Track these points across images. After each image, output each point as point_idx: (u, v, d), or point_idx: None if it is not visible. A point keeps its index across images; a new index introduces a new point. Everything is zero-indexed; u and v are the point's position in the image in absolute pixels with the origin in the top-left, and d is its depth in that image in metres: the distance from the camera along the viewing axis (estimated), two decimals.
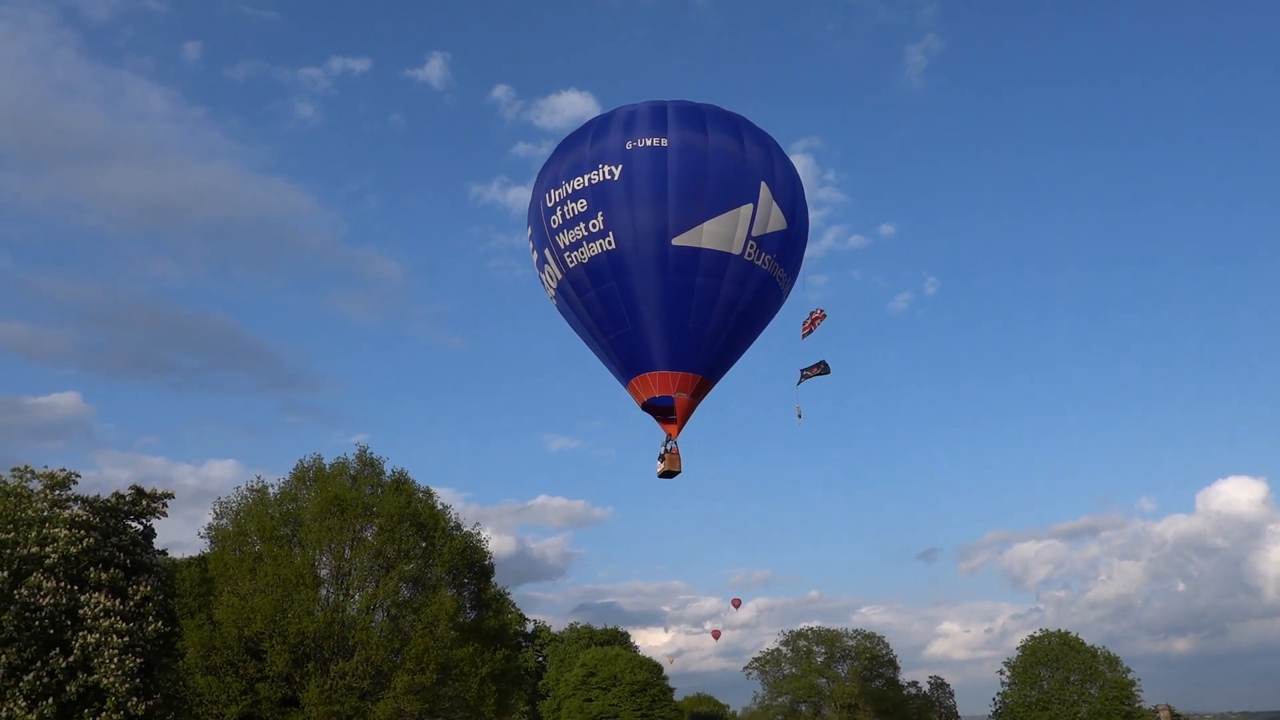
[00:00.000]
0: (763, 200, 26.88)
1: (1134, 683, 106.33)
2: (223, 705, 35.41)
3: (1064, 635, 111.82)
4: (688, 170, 26.14)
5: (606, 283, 27.12)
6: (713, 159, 26.54)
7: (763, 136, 29.15)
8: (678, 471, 28.18)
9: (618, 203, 26.33)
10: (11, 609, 28.86)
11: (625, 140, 26.79)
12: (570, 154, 28.04)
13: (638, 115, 27.42)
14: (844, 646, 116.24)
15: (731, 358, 29.23)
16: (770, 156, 28.22)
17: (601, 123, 28.04)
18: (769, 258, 27.40)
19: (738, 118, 29.04)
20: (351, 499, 39.66)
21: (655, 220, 26.20)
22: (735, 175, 26.78)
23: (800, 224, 28.90)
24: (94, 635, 30.00)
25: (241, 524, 40.39)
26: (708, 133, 27.02)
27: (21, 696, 27.87)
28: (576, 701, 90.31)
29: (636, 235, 26.26)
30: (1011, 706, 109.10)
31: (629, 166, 26.37)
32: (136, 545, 35.41)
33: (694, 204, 26.19)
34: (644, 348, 27.49)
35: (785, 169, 28.72)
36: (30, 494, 33.35)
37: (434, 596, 39.11)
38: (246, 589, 37.03)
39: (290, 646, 35.97)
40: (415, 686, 35.65)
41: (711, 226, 26.29)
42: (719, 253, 26.34)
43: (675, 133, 26.73)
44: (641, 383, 27.92)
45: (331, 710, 35.46)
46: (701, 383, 28.18)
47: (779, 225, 27.51)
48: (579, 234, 27.07)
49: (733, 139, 27.45)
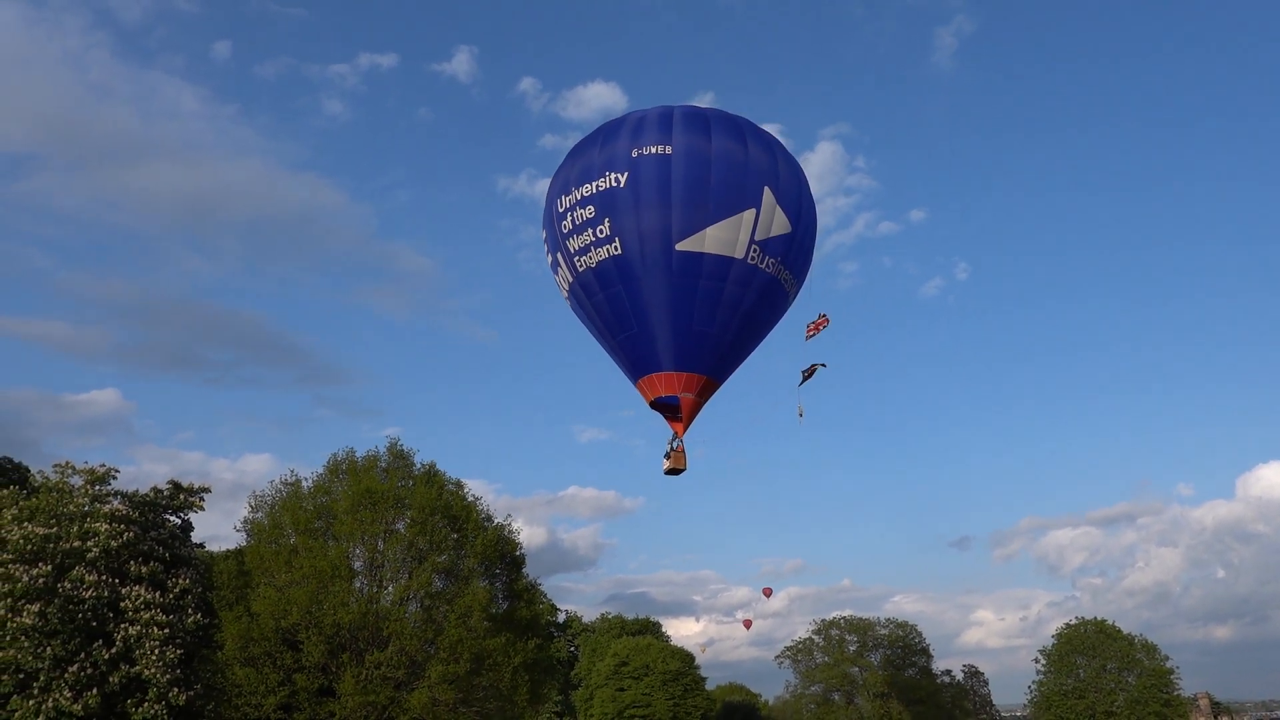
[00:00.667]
0: (766, 205, 27.46)
1: (1172, 671, 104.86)
2: (261, 696, 35.98)
3: (1100, 623, 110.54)
4: (691, 177, 26.79)
5: (614, 286, 27.87)
6: (716, 165, 27.12)
7: (768, 141, 29.51)
8: (683, 469, 28.94)
9: (623, 209, 27.03)
10: (56, 602, 29.46)
11: (632, 148, 27.40)
12: (580, 160, 28.76)
13: (645, 122, 27.98)
14: (876, 635, 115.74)
15: (737, 358, 29.85)
16: (775, 161, 28.60)
17: (611, 129, 28.61)
18: (773, 261, 27.95)
19: (743, 122, 29.34)
20: (383, 491, 40.05)
21: (659, 226, 26.82)
22: (738, 181, 27.36)
23: (805, 227, 29.25)
24: (135, 627, 30.57)
25: (276, 517, 40.95)
26: (711, 139, 27.54)
27: (67, 687, 28.48)
28: (609, 691, 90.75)
29: (641, 241, 26.95)
30: (1047, 695, 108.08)
31: (634, 174, 27.06)
32: (175, 539, 36.01)
33: (697, 210, 26.86)
34: (651, 349, 28.30)
35: (790, 173, 29.05)
36: (71, 489, 34.01)
37: (466, 587, 39.43)
38: (282, 581, 37.55)
39: (326, 637, 36.45)
40: (449, 676, 36.00)
41: (715, 232, 26.93)
42: (722, 257, 27.06)
43: (680, 140, 27.32)
44: (649, 383, 28.83)
45: (367, 700, 35.91)
46: (707, 383, 28.92)
47: (783, 229, 28.03)
48: (588, 239, 27.90)
49: (737, 144, 27.92)
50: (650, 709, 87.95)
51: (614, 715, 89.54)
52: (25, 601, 28.91)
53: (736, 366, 30.00)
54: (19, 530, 30.69)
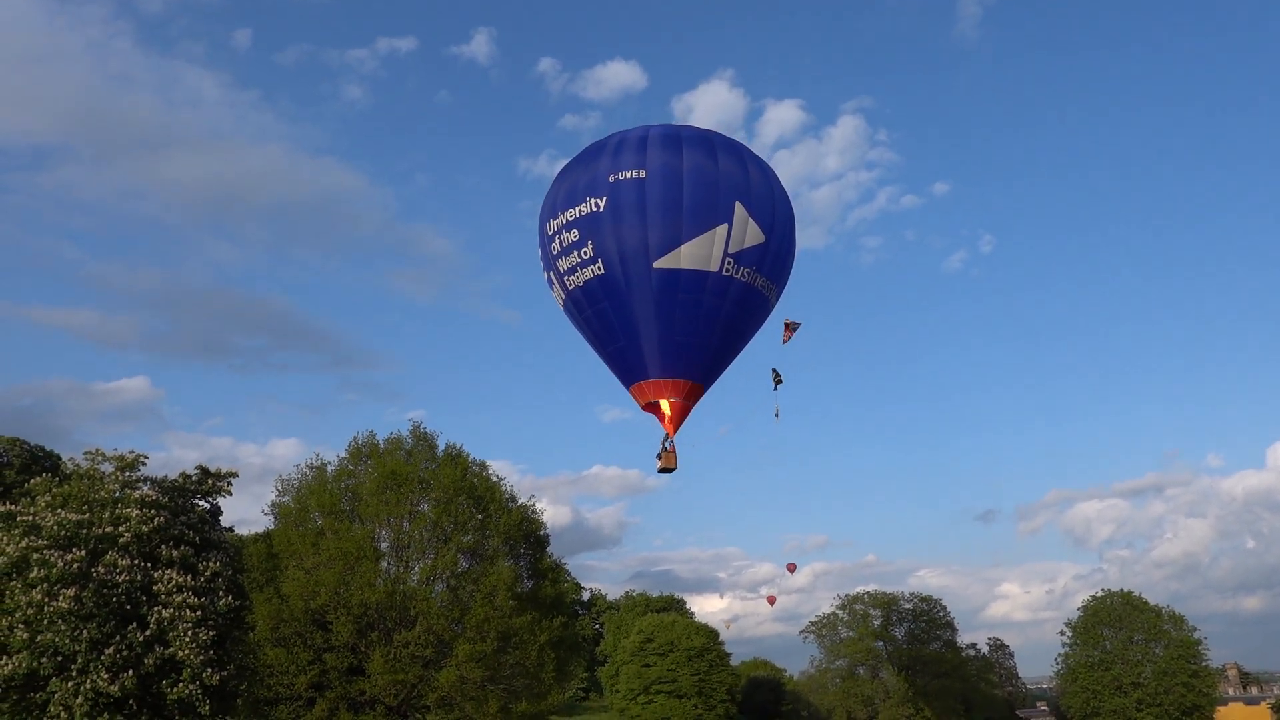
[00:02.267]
0: (738, 218, 28.86)
1: (1200, 641, 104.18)
2: (292, 675, 36.58)
3: (1127, 595, 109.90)
4: (665, 198, 28.36)
5: (600, 303, 29.90)
6: (688, 184, 28.62)
7: (739, 153, 30.80)
8: (674, 468, 30.89)
9: (604, 232, 28.90)
10: (90, 587, 30.01)
11: (610, 173, 29.12)
12: (564, 184, 30.66)
13: (624, 144, 29.64)
14: (901, 610, 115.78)
15: (722, 363, 31.59)
16: (746, 173, 29.87)
17: (592, 153, 30.57)
18: (747, 270, 29.41)
19: (715, 137, 30.80)
20: (407, 473, 40.42)
21: (637, 246, 28.58)
22: (710, 199, 28.71)
23: (780, 235, 30.55)
24: (168, 610, 31.08)
25: (303, 500, 41.45)
26: (683, 157, 29.01)
27: (104, 669, 29.05)
28: (635, 667, 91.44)
29: (622, 261, 28.80)
30: (1073, 667, 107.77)
31: (612, 198, 28.79)
32: (204, 523, 36.52)
33: (671, 229, 28.41)
34: (639, 359, 30.18)
35: (763, 185, 30.37)
36: (102, 476, 34.55)
37: (492, 567, 39.80)
38: (310, 563, 38.06)
39: (354, 618, 36.95)
40: (476, 655, 36.43)
41: (689, 249, 28.50)
42: (697, 271, 28.67)
43: (654, 161, 28.85)
44: (639, 389, 30.84)
45: (396, 679, 36.42)
46: (694, 387, 30.77)
47: (756, 240, 29.40)
48: (574, 260, 29.84)
49: (708, 160, 29.24)
50: (675, 685, 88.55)
51: (640, 691, 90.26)
52: (61, 586, 29.46)
53: (723, 370, 31.82)
54: (53, 517, 31.24)
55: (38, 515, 31.59)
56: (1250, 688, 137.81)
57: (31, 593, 29.32)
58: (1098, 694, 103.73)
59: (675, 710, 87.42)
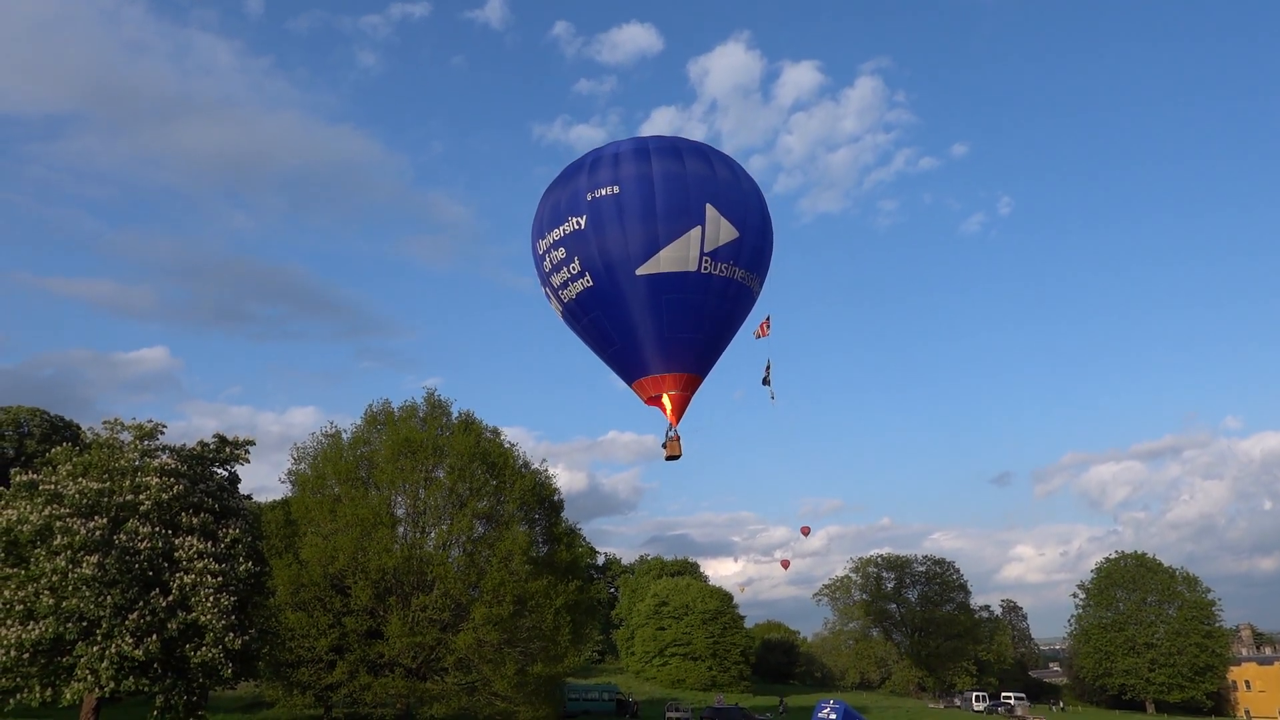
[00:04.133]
0: (710, 219, 30.46)
1: (1214, 602, 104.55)
2: (313, 639, 37.19)
3: (1141, 556, 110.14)
4: (640, 210, 30.10)
5: (593, 312, 31.79)
6: (660, 194, 30.24)
7: (706, 155, 32.31)
8: (679, 455, 32.10)
9: (587, 248, 30.76)
10: (113, 553, 30.45)
11: (587, 191, 30.94)
12: (548, 204, 32.59)
13: (600, 161, 31.58)
14: (914, 572, 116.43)
15: (716, 352, 33.15)
16: (715, 175, 31.40)
17: (571, 172, 32.46)
18: (725, 265, 30.89)
19: (681, 143, 32.38)
20: (421, 440, 40.70)
21: (619, 257, 30.32)
22: (681, 204, 30.27)
23: (752, 229, 31.94)
24: (190, 576, 31.51)
25: (319, 468, 41.86)
26: (653, 169, 30.72)
27: (128, 633, 29.57)
28: (650, 630, 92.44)
29: (607, 272, 30.61)
30: (1086, 628, 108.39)
31: (592, 215, 30.68)
32: (223, 491, 36.86)
33: (649, 238, 30.10)
34: (636, 358, 31.98)
35: (731, 184, 31.79)
36: (121, 445, 34.94)
37: (506, 532, 40.17)
38: (328, 529, 38.54)
39: (372, 582, 37.45)
40: (493, 618, 36.89)
41: (667, 253, 30.11)
42: (677, 273, 30.30)
43: (626, 176, 30.72)
44: (640, 385, 32.43)
45: (414, 641, 36.96)
46: (691, 378, 32.35)
47: (730, 236, 30.90)
48: (565, 276, 31.69)
49: (677, 168, 30.93)
50: (690, 647, 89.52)
51: (655, 653, 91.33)
52: (84, 553, 29.91)
53: (717, 358, 33.48)
54: (74, 485, 31.66)
55: (59, 484, 32.02)
56: (1264, 648, 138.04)
57: (55, 560, 29.80)
58: (1110, 654, 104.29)
59: (690, 672, 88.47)
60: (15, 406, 59.83)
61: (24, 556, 30.90)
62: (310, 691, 38.42)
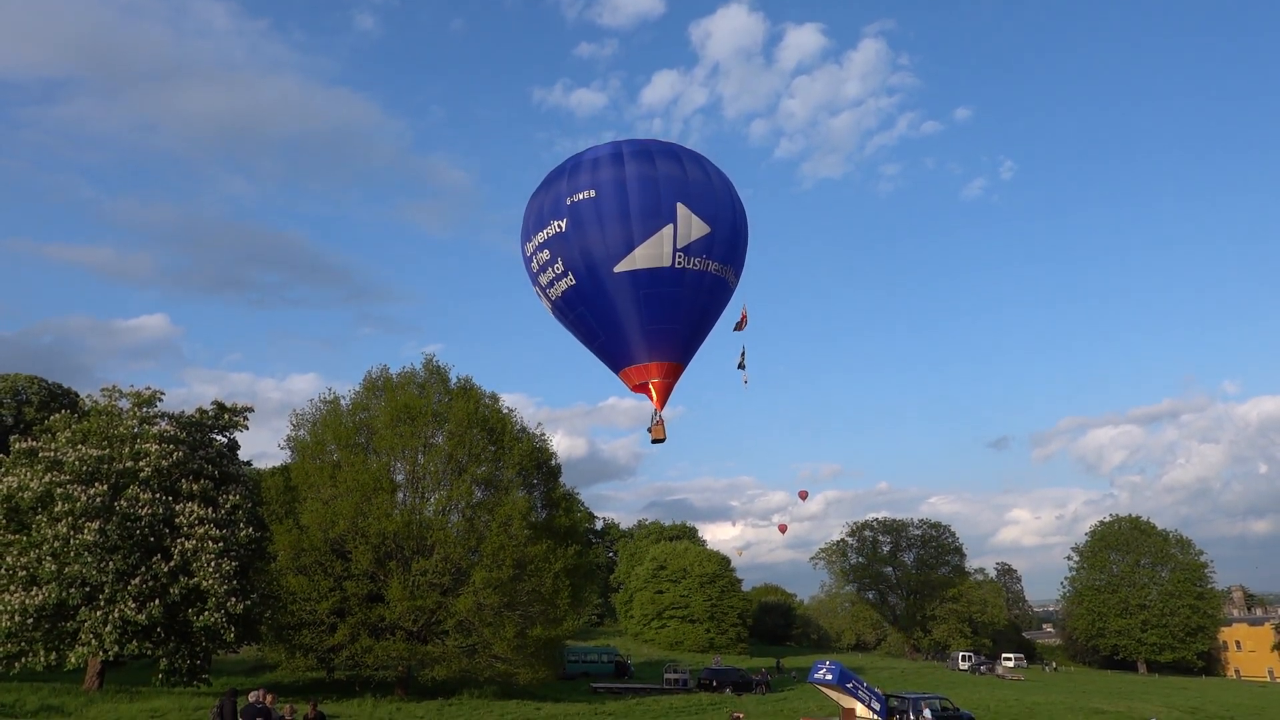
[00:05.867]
0: (681, 217, 32.65)
1: (1206, 565, 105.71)
2: (314, 602, 37.54)
3: (1135, 520, 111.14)
4: (615, 211, 32.51)
5: (578, 309, 34.08)
6: (633, 196, 32.52)
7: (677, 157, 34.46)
8: (663, 439, 34.40)
9: (568, 249, 33.14)
10: (114, 520, 30.65)
11: (567, 195, 33.36)
12: (534, 209, 35.05)
13: (579, 167, 34.02)
14: (910, 536, 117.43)
15: (697, 341, 35.44)
16: (685, 175, 33.68)
17: (554, 176, 34.94)
18: (698, 259, 33.08)
19: (653, 147, 34.60)
20: (420, 406, 40.78)
21: (598, 257, 32.59)
22: (653, 205, 32.49)
23: (724, 224, 33.98)
24: (191, 542, 31.75)
25: (318, 434, 41.97)
26: (626, 173, 33.04)
27: (131, 598, 29.87)
28: (648, 594, 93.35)
29: (588, 270, 32.94)
30: (1080, 590, 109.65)
31: (571, 219, 33.06)
32: (223, 457, 37.03)
33: (624, 237, 32.36)
34: (621, 349, 34.24)
35: (702, 181, 34.02)
36: (120, 412, 35.00)
37: (505, 497, 40.40)
38: (328, 494, 38.74)
39: (372, 546, 37.73)
40: (493, 581, 37.22)
41: (642, 250, 32.37)
42: (653, 269, 32.58)
43: (603, 180, 33.08)
44: (626, 374, 34.62)
45: (415, 604, 37.32)
46: (673, 366, 34.68)
47: (701, 232, 33.10)
48: (550, 275, 34.01)
49: (649, 170, 33.19)
50: (688, 610, 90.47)
51: (653, 616, 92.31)
52: (85, 519, 30.11)
53: (698, 346, 35.75)
54: (74, 452, 31.77)
55: (59, 451, 32.12)
56: (1255, 609, 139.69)
57: (57, 526, 30.00)
58: (1103, 615, 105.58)
59: (688, 634, 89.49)
60: (13, 374, 59.81)
61: (25, 523, 31.11)
62: (312, 654, 38.84)
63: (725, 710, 38.68)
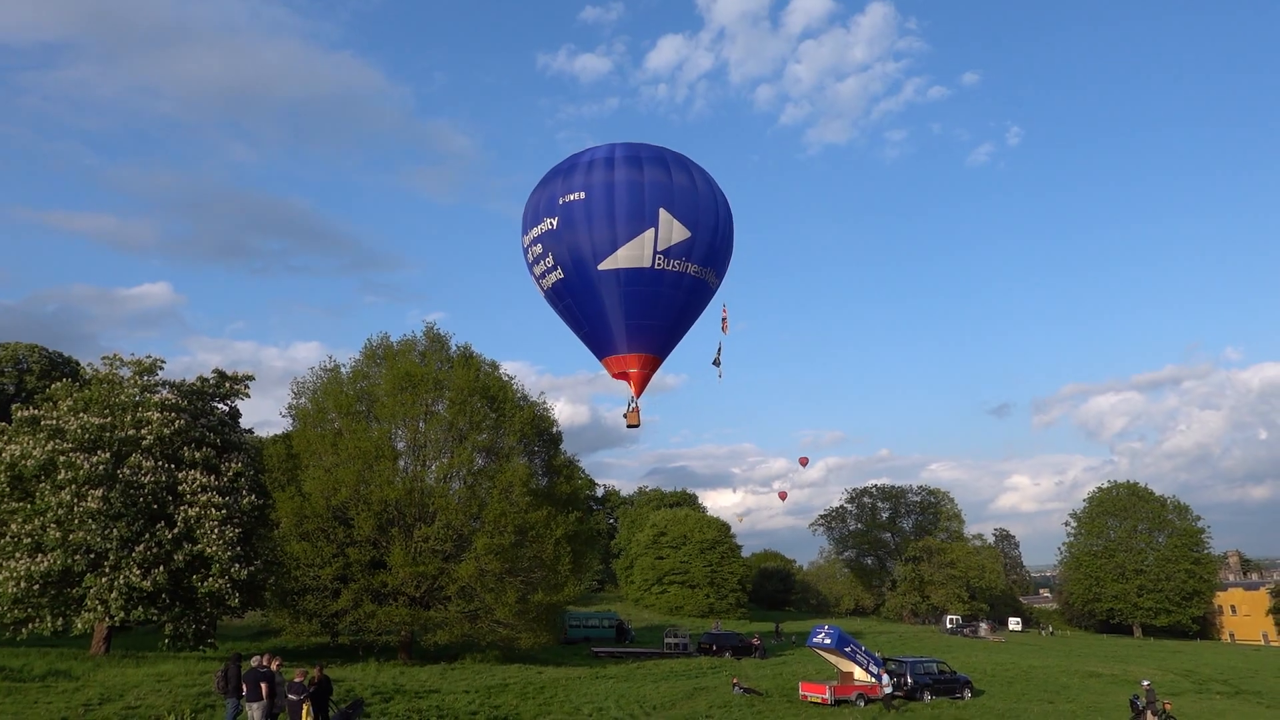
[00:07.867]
0: (663, 222, 34.74)
1: (1203, 530, 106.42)
2: (318, 568, 37.87)
3: (1132, 486, 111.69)
4: (602, 214, 34.73)
5: (566, 300, 36.54)
6: (619, 200, 34.64)
7: (665, 164, 36.15)
8: (638, 425, 36.80)
9: (559, 244, 35.55)
10: (117, 487, 30.82)
11: (560, 196, 35.55)
12: (531, 205, 37.34)
13: (574, 169, 36.10)
14: (909, 502, 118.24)
15: (676, 337, 37.60)
16: (670, 182, 35.50)
17: (551, 176, 37.03)
18: (677, 261, 35.23)
19: (643, 153, 36.31)
20: (421, 374, 40.84)
21: (585, 254, 34.94)
22: (637, 209, 34.57)
23: (704, 228, 35.99)
24: (194, 509, 31.97)
25: (320, 402, 42.07)
26: (615, 177, 35.03)
27: (135, 565, 30.13)
28: (649, 559, 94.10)
29: (575, 266, 35.31)
30: (1077, 556, 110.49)
31: (562, 218, 35.36)
32: (224, 425, 37.16)
33: (608, 238, 34.59)
34: (604, 339, 36.52)
35: (686, 188, 35.83)
36: (121, 381, 35.07)
37: (506, 464, 40.60)
38: (330, 462, 38.93)
39: (374, 513, 37.98)
40: (494, 548, 37.52)
41: (624, 251, 34.58)
42: (634, 269, 34.78)
43: (593, 183, 35.13)
44: (608, 362, 37.02)
45: (417, 570, 37.65)
46: (651, 359, 37.04)
47: (681, 236, 35.14)
48: (543, 267, 36.62)
49: (636, 176, 35.11)
50: (688, 575, 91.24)
51: (654, 582, 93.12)
52: (89, 487, 30.28)
53: (676, 342, 37.90)
54: (76, 421, 31.87)
55: (61, 419, 32.22)
56: (1251, 574, 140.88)
57: (61, 494, 30.16)
58: (1100, 580, 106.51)
59: (688, 599, 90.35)
60: (13, 343, 59.84)
61: (29, 491, 31.29)
62: (316, 619, 39.24)
63: (725, 674, 39.16)
